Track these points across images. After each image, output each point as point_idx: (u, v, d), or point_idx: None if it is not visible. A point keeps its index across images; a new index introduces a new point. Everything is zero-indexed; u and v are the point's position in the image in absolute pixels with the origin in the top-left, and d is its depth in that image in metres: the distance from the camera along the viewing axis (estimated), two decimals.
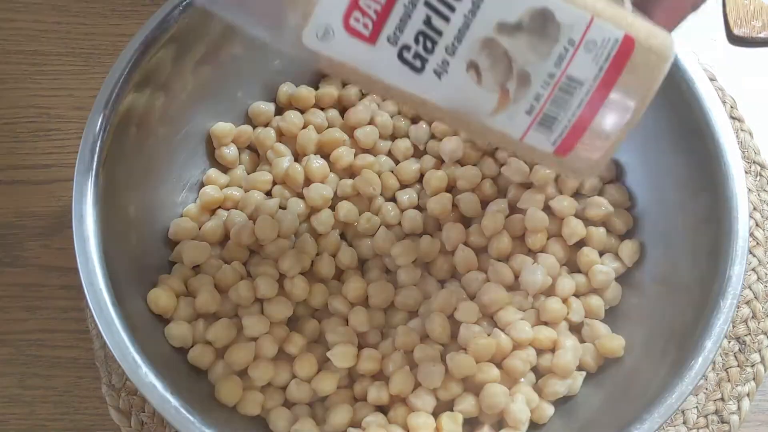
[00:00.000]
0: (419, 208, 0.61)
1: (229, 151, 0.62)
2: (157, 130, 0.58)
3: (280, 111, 0.64)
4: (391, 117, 0.63)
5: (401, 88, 0.38)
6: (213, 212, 0.61)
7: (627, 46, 0.37)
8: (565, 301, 0.57)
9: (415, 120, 0.64)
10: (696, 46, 0.72)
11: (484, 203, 0.60)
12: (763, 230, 0.65)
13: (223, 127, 0.62)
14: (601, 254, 0.59)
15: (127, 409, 0.59)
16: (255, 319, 0.55)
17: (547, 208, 0.60)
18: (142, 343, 0.49)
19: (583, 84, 0.37)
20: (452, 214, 0.60)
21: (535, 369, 0.56)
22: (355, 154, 0.61)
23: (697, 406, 0.59)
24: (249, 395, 0.54)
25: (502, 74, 0.37)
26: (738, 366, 0.61)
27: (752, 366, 0.61)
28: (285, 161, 0.61)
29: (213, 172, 0.62)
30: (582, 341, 0.57)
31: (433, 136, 0.63)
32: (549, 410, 0.54)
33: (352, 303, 0.57)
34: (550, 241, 0.59)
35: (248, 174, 0.63)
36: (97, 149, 0.52)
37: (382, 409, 0.55)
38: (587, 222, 0.60)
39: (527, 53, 0.37)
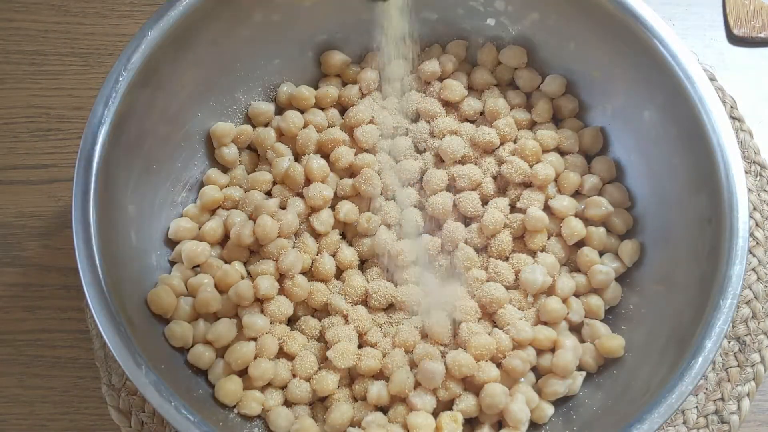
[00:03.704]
0: (419, 207, 0.61)
1: (229, 151, 0.62)
2: (157, 130, 0.58)
3: (280, 111, 0.64)
4: (391, 116, 0.63)
5: None
6: (213, 212, 0.61)
7: None
8: (565, 301, 0.57)
9: (415, 119, 0.64)
10: (696, 46, 0.72)
11: (484, 203, 0.61)
12: (763, 230, 0.65)
13: (223, 127, 0.62)
14: (601, 254, 0.59)
15: (127, 409, 0.59)
16: (255, 318, 0.55)
17: (547, 208, 0.60)
18: (142, 343, 0.49)
19: None
20: (452, 213, 0.60)
21: (535, 369, 0.56)
22: (355, 154, 0.61)
23: (697, 406, 0.59)
24: (249, 395, 0.54)
25: None
26: (738, 366, 0.61)
27: (752, 366, 0.61)
28: (285, 161, 0.61)
29: (213, 172, 0.62)
30: (582, 341, 0.57)
31: (433, 135, 0.63)
32: (549, 410, 0.54)
33: (353, 302, 0.58)
34: (550, 241, 0.59)
35: (248, 174, 0.63)
36: (97, 149, 0.52)
37: (382, 409, 0.55)
38: (587, 222, 0.60)
39: None
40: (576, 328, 0.58)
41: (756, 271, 0.63)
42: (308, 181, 0.60)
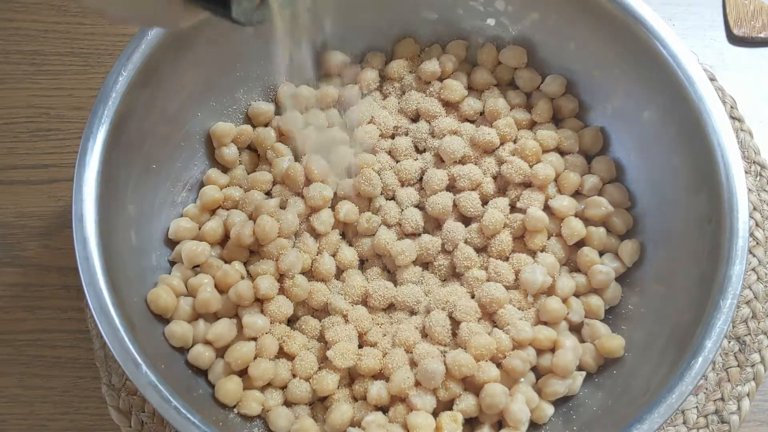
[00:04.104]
0: (419, 207, 0.61)
1: (229, 151, 0.62)
2: (157, 130, 0.58)
3: (280, 111, 0.64)
4: (391, 116, 0.63)
5: None
6: (213, 212, 0.61)
7: None
8: (565, 301, 0.57)
9: (415, 119, 0.64)
10: (696, 46, 0.72)
11: (484, 203, 0.61)
12: (763, 230, 0.65)
13: (223, 127, 0.62)
14: (601, 254, 0.59)
15: (127, 409, 0.59)
16: (255, 318, 0.55)
17: (547, 208, 0.60)
18: (142, 343, 0.49)
19: None
20: (452, 213, 0.60)
21: (535, 369, 0.56)
22: (355, 154, 0.61)
23: (697, 406, 0.59)
24: (249, 395, 0.54)
25: None
26: (738, 366, 0.61)
27: (752, 366, 0.61)
28: (285, 161, 0.61)
29: (213, 172, 0.62)
30: (582, 341, 0.57)
31: (433, 135, 0.63)
32: (549, 410, 0.54)
33: (353, 302, 0.58)
34: (550, 241, 0.59)
35: (248, 174, 0.63)
36: (97, 149, 0.52)
37: (382, 409, 0.55)
38: (587, 222, 0.60)
39: None
40: (576, 328, 0.58)
41: (756, 271, 0.63)
42: (308, 181, 0.60)
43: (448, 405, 0.54)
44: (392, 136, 0.63)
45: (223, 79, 0.62)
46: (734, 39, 0.73)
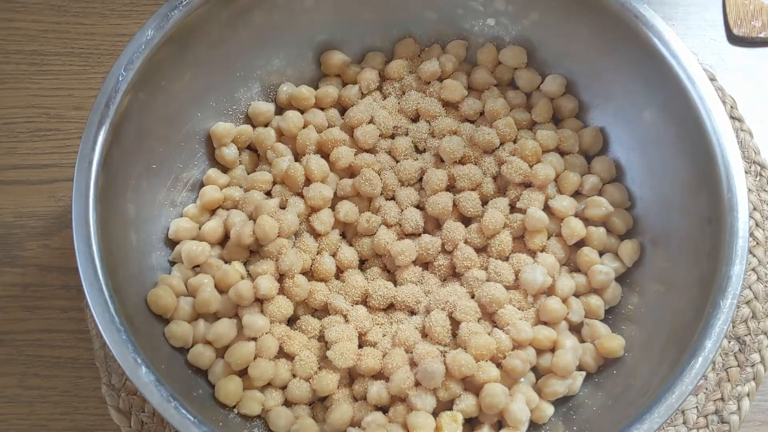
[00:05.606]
0: (419, 207, 0.61)
1: (229, 151, 0.62)
2: (157, 130, 0.58)
3: (280, 111, 0.64)
4: (391, 116, 0.63)
5: None
6: (213, 212, 0.61)
7: None
8: (565, 301, 0.57)
9: (415, 119, 0.64)
10: (696, 46, 0.72)
11: (484, 203, 0.61)
12: (763, 230, 0.65)
13: (223, 127, 0.62)
14: (601, 254, 0.59)
15: (127, 409, 0.59)
16: (255, 318, 0.55)
17: (547, 208, 0.60)
18: (142, 343, 0.49)
19: None
20: (452, 213, 0.60)
21: (535, 369, 0.56)
22: (355, 154, 0.61)
23: (697, 406, 0.59)
24: (249, 395, 0.54)
25: None
26: (738, 366, 0.61)
27: (752, 366, 0.61)
28: (285, 161, 0.61)
29: (213, 172, 0.62)
30: (582, 341, 0.57)
31: (433, 135, 0.63)
32: (549, 410, 0.54)
33: (353, 302, 0.58)
34: (550, 241, 0.59)
35: (248, 174, 0.63)
36: (97, 149, 0.52)
37: (382, 409, 0.55)
38: (587, 222, 0.60)
39: None
40: (576, 328, 0.58)
41: (756, 271, 0.63)
42: (308, 181, 0.60)
43: (448, 405, 0.54)
44: (392, 136, 0.63)
45: (223, 79, 0.62)
46: (734, 39, 0.73)
